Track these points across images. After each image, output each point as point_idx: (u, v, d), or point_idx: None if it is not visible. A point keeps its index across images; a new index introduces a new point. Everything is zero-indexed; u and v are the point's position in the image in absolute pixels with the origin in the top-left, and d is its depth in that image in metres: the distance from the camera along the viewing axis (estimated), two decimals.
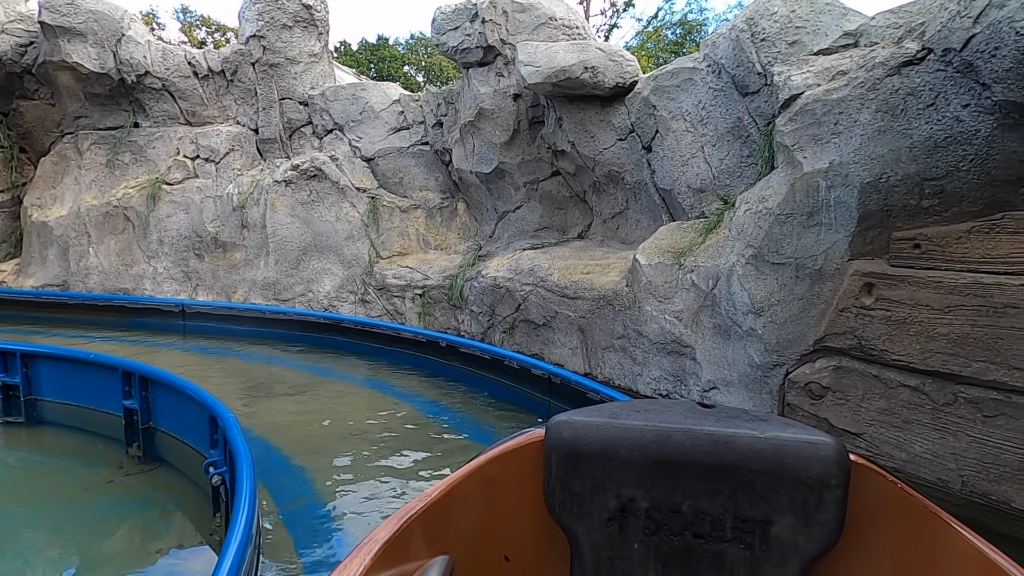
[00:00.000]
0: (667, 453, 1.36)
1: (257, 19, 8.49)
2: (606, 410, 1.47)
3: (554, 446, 1.40)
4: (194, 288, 8.11)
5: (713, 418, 1.43)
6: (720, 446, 1.34)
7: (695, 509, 1.36)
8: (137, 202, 8.30)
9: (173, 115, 8.73)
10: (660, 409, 1.47)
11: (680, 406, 1.50)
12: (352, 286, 7.66)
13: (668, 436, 1.36)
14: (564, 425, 1.41)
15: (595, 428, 1.39)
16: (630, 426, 1.39)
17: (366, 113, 8.26)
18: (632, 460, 1.37)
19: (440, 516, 1.39)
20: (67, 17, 8.16)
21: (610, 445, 1.37)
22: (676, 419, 1.42)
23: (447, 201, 8.05)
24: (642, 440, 1.37)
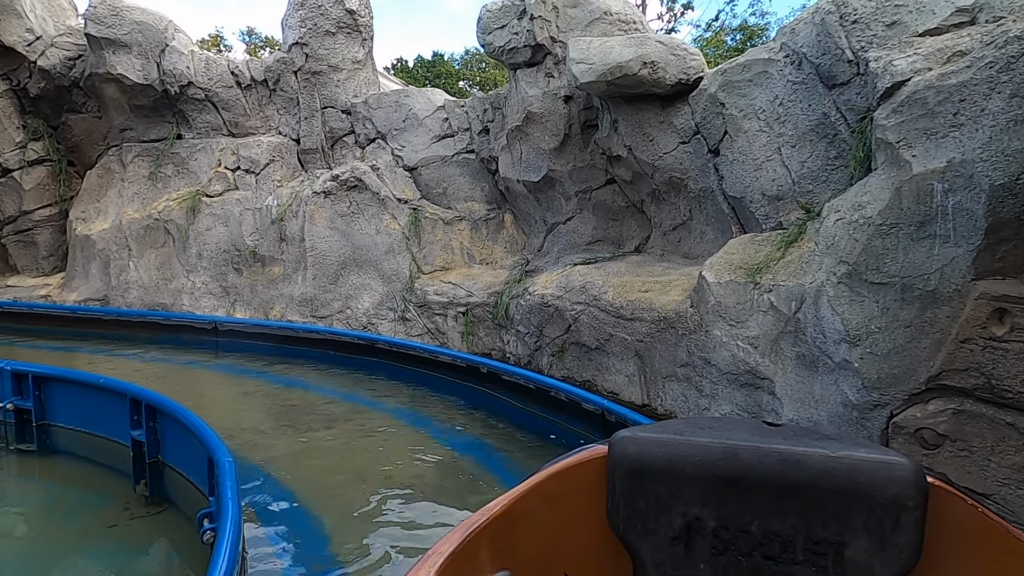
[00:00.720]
0: (735, 471, 1.31)
1: (300, 26, 8.22)
2: (670, 426, 1.43)
3: (618, 462, 1.37)
4: (232, 304, 7.83)
5: (781, 436, 1.37)
6: (790, 464, 1.29)
7: (764, 529, 1.31)
8: (177, 215, 8.10)
9: (216, 126, 8.54)
10: (726, 426, 1.42)
11: (746, 424, 1.45)
12: (392, 303, 7.22)
13: (736, 453, 1.32)
14: (629, 441, 1.38)
15: (660, 444, 1.36)
16: (696, 443, 1.35)
17: (409, 120, 7.86)
18: (699, 477, 1.33)
19: (502, 531, 1.36)
20: (112, 28, 8.07)
21: (676, 462, 1.34)
22: (743, 436, 1.37)
23: (493, 212, 7.55)
24: (709, 457, 1.34)
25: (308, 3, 8.21)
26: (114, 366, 6.42)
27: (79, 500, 4.04)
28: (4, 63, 8.57)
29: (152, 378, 5.97)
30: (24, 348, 7.18)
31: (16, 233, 9.01)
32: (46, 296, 8.52)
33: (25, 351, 7.05)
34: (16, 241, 9.04)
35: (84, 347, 7.05)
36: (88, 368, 6.42)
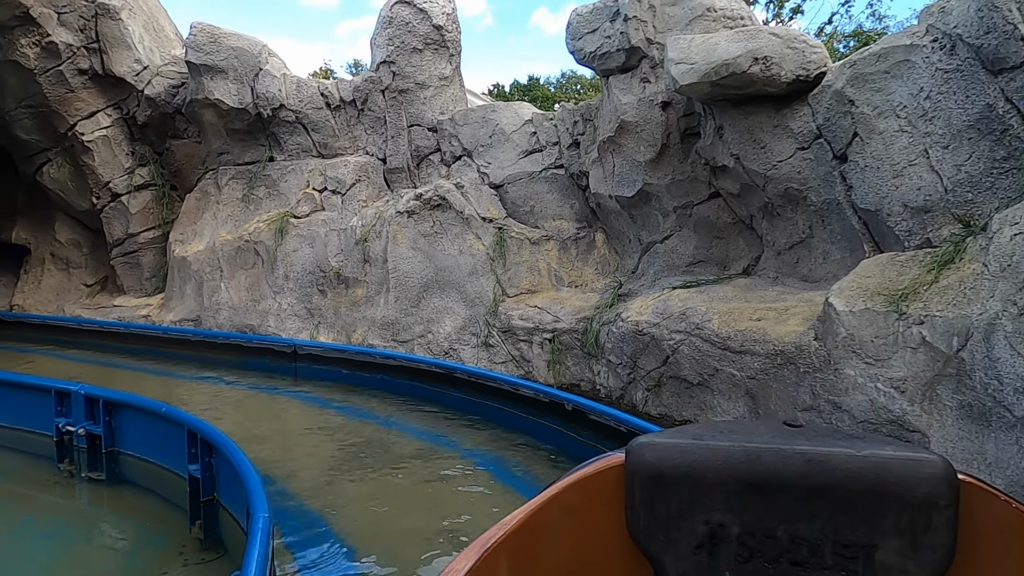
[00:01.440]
0: (758, 474, 1.25)
1: (387, 44, 8.09)
2: (689, 431, 1.38)
3: (636, 469, 1.32)
4: (316, 326, 7.70)
5: (803, 437, 1.31)
6: (815, 465, 1.23)
7: (791, 534, 1.26)
8: (266, 237, 8.11)
9: (306, 147, 8.54)
10: (746, 429, 1.38)
11: (766, 425, 1.39)
12: (474, 327, 6.81)
13: (758, 456, 1.26)
14: (646, 447, 1.33)
15: (679, 450, 1.31)
16: (716, 447, 1.29)
17: (496, 136, 7.49)
18: (720, 482, 1.27)
19: (520, 545, 1.33)
20: (210, 55, 8.26)
21: (696, 467, 1.28)
22: (764, 439, 1.30)
23: (583, 231, 7.01)
24: (730, 461, 1.27)
25: (396, 21, 8.08)
26: (198, 390, 6.38)
27: (139, 538, 3.82)
28: (115, 93, 8.97)
29: (230, 404, 5.84)
30: (123, 369, 7.31)
31: (123, 255, 9.37)
32: (146, 316, 8.76)
33: (124, 372, 7.19)
34: (123, 263, 9.40)
35: (175, 369, 7.10)
36: (174, 392, 6.43)
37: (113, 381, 6.85)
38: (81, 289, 9.80)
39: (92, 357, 7.75)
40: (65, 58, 8.52)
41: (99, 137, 9.00)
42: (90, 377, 6.91)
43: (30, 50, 8.32)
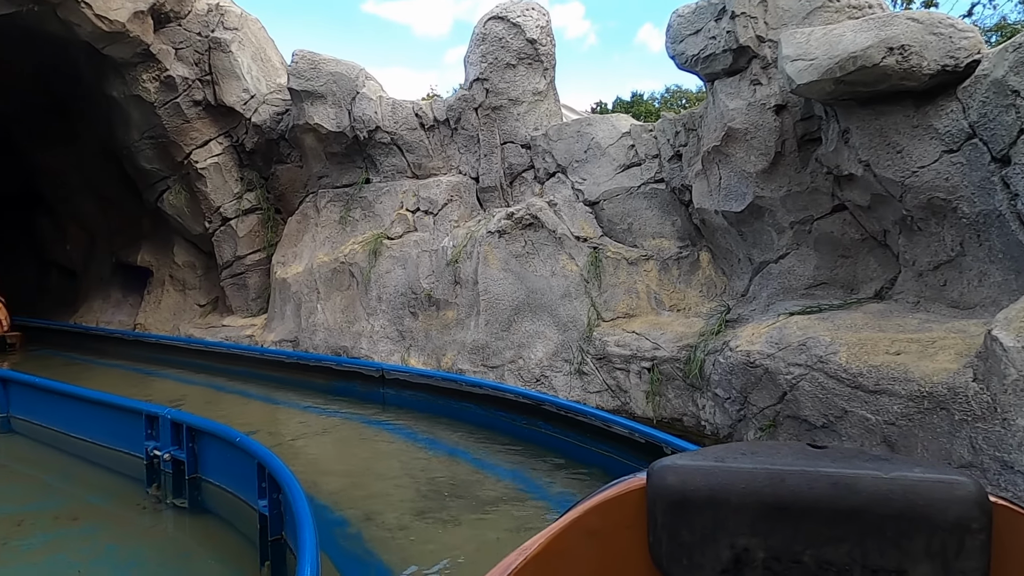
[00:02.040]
0: (783, 497, 1.23)
1: (480, 61, 7.93)
2: (710, 453, 1.36)
3: (658, 493, 1.31)
4: (407, 349, 7.56)
5: (828, 459, 1.28)
6: (841, 488, 1.20)
7: (818, 559, 1.22)
8: (361, 258, 8.11)
9: (400, 168, 8.52)
10: (768, 451, 1.35)
11: (790, 447, 1.37)
12: (567, 353, 6.40)
13: (782, 479, 1.24)
14: (667, 470, 1.31)
15: (702, 472, 1.29)
16: (740, 469, 1.27)
17: (591, 151, 7.10)
18: (745, 506, 1.24)
19: (541, 570, 1.32)
20: (310, 81, 8.43)
21: (719, 490, 1.25)
22: (788, 461, 1.28)
23: (686, 250, 6.45)
24: (754, 484, 1.24)
25: (489, 37, 7.90)
26: (289, 416, 6.36)
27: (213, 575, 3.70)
28: (226, 122, 9.38)
29: (317, 433, 5.74)
30: (225, 391, 7.46)
31: (231, 277, 9.73)
32: (250, 336, 9.00)
33: (226, 395, 7.32)
34: (231, 284, 9.75)
35: (271, 393, 7.16)
36: (268, 417, 6.45)
37: (215, 403, 7.01)
38: (195, 309, 10.28)
39: (197, 378, 8.00)
40: (181, 91, 9.00)
41: (211, 164, 9.43)
42: (195, 398, 7.12)
43: (151, 84, 8.85)
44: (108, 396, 5.10)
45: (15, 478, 5.16)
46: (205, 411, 6.58)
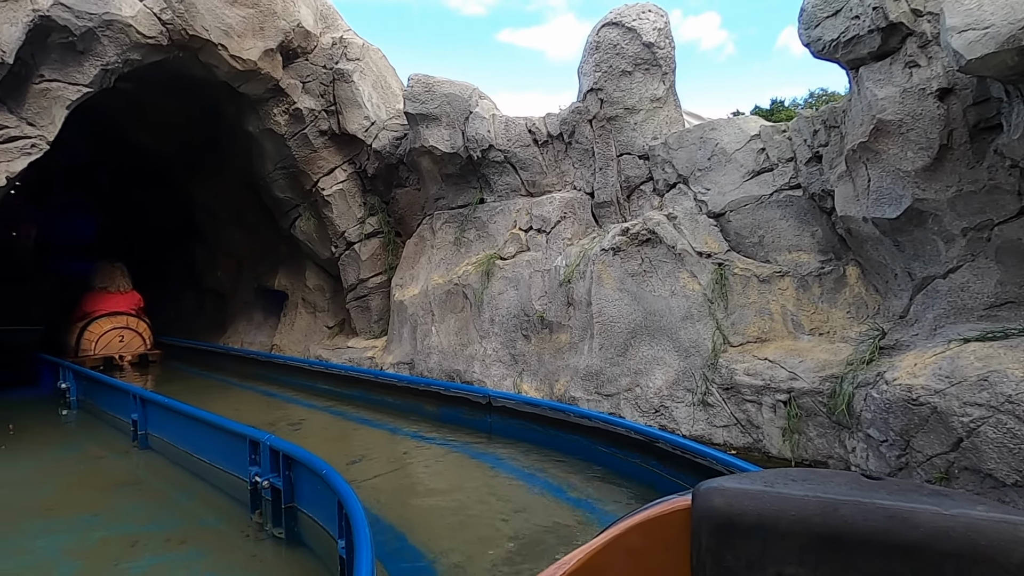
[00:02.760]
0: (835, 528, 1.18)
1: (594, 71, 7.54)
2: (759, 478, 1.32)
3: (703, 515, 1.28)
4: (519, 374, 7.24)
5: (884, 491, 1.23)
6: (897, 522, 1.14)
7: None
8: (474, 279, 7.94)
9: (514, 187, 8.29)
10: (820, 479, 1.30)
11: (843, 476, 1.31)
12: (689, 382, 5.76)
13: (835, 509, 1.19)
14: (714, 492, 1.29)
15: (750, 497, 1.25)
16: (790, 496, 1.24)
17: (716, 158, 6.45)
18: (794, 534, 1.21)
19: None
20: (424, 104, 8.46)
21: (768, 516, 1.22)
22: (842, 490, 1.23)
23: (829, 265, 5.61)
24: (805, 512, 1.21)
25: (603, 45, 7.50)
26: (397, 444, 6.22)
27: None
28: (349, 150, 9.67)
29: (419, 464, 5.52)
30: (338, 416, 7.52)
31: (355, 299, 9.97)
32: (371, 358, 9.12)
33: (339, 420, 7.38)
34: (355, 306, 9.99)
35: (383, 418, 7.11)
36: (377, 444, 6.34)
37: (329, 427, 7.07)
38: (324, 331, 10.65)
39: (317, 400, 8.17)
40: (308, 122, 9.40)
41: (336, 191, 9.75)
42: (313, 421, 7.23)
43: (281, 118, 9.32)
44: (220, 419, 5.20)
45: (145, 494, 5.38)
46: (319, 436, 6.65)
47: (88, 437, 7.15)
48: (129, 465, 6.03)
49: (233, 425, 4.95)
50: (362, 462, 5.47)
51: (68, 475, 5.75)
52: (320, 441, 6.30)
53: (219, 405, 8.24)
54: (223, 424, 5.03)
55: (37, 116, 7.33)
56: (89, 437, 7.14)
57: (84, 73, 7.47)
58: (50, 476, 5.75)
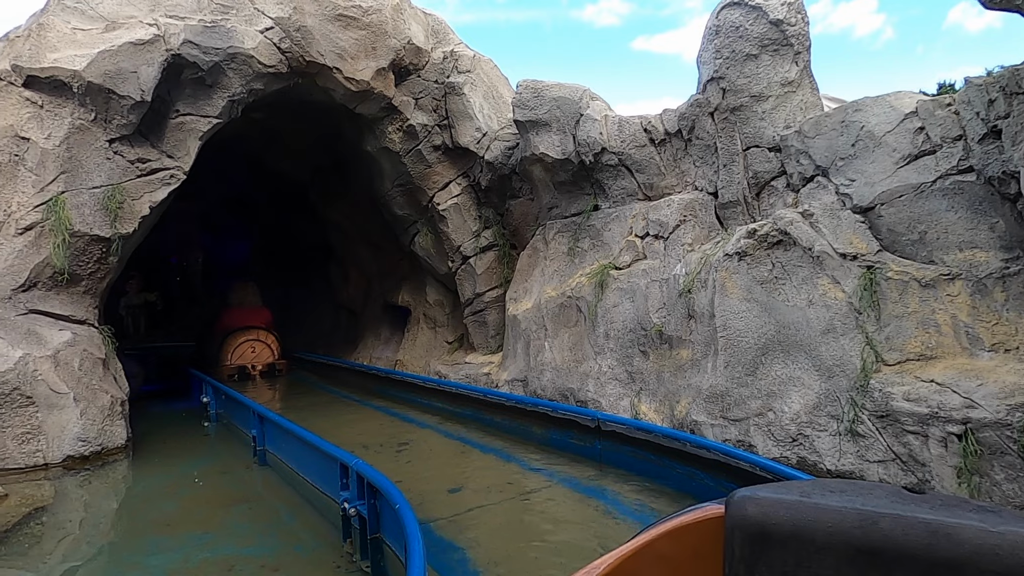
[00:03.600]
0: (874, 541, 1.16)
1: (715, 58, 6.82)
2: (795, 488, 1.29)
3: (736, 524, 1.26)
4: (637, 393, 6.63)
5: (927, 505, 1.19)
6: (941, 538, 1.11)
7: None
8: (587, 291, 7.45)
9: (631, 191, 7.72)
10: (860, 491, 1.27)
11: (883, 489, 1.28)
12: (833, 407, 4.89)
13: (874, 522, 1.16)
14: (748, 501, 1.27)
15: (785, 507, 1.23)
16: (827, 507, 1.21)
17: (862, 143, 5.52)
18: (831, 546, 1.18)
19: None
20: (534, 110, 8.14)
21: (804, 527, 1.20)
22: (882, 503, 1.21)
23: (1015, 264, 4.53)
24: (843, 524, 1.18)
25: (723, 28, 6.76)
26: (497, 469, 5.86)
27: None
28: (463, 163, 9.58)
29: (519, 495, 5.07)
30: (450, 437, 7.29)
31: (473, 314, 9.82)
32: (487, 374, 8.89)
33: (449, 441, 7.15)
34: (473, 321, 9.84)
35: (493, 441, 6.80)
36: (474, 471, 6.01)
37: (435, 449, 6.83)
38: (444, 346, 10.61)
39: (427, 419, 8.04)
40: (422, 137, 9.42)
41: (451, 205, 9.68)
42: (421, 442, 7.05)
43: (395, 135, 9.42)
44: (317, 439, 5.12)
45: (254, 514, 5.40)
46: (424, 458, 6.44)
47: (220, 451, 7.49)
48: (247, 482, 6.17)
49: (327, 446, 4.84)
50: (463, 491, 5.16)
51: (193, 490, 5.97)
52: (424, 464, 6.10)
53: (337, 422, 8.37)
54: (319, 445, 4.94)
55: (174, 148, 7.86)
56: (221, 451, 7.48)
57: (213, 105, 7.92)
58: (177, 490, 5.99)
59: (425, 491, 5.13)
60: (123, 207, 7.50)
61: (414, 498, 4.99)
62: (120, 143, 7.47)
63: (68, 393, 6.54)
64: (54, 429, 6.43)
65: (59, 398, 6.49)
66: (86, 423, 6.60)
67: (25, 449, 6.32)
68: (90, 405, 6.71)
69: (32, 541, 4.82)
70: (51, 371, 6.52)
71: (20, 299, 6.95)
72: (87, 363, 6.93)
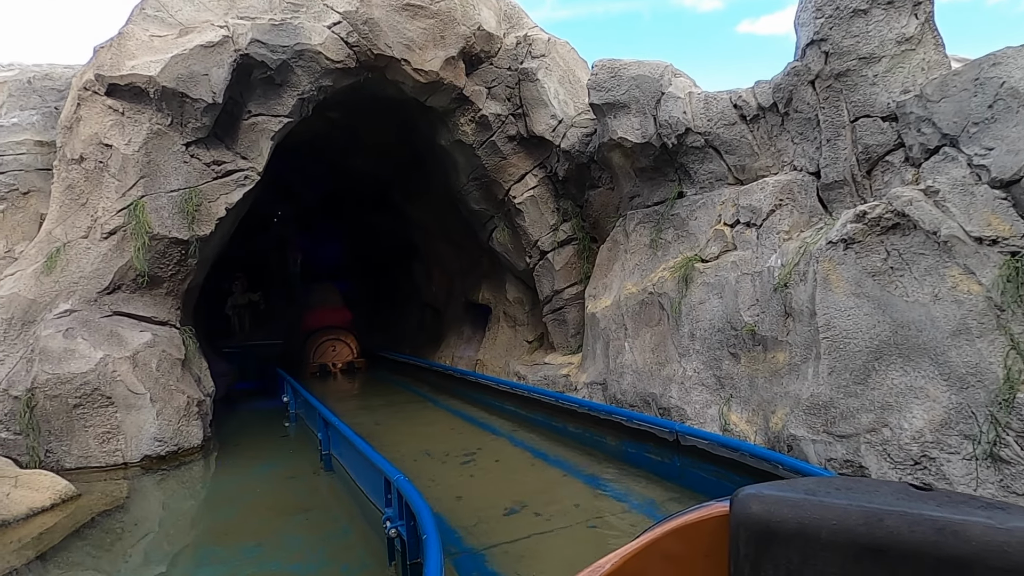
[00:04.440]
0: (879, 539, 1.15)
1: (815, 18, 5.95)
2: (800, 486, 1.28)
3: (742, 522, 1.26)
4: (726, 401, 5.90)
5: (934, 502, 1.19)
6: (947, 535, 1.10)
7: None
8: (670, 287, 6.76)
9: (719, 175, 6.95)
10: (866, 488, 1.27)
11: (889, 486, 1.28)
12: (967, 425, 4.01)
13: (879, 519, 1.16)
14: (753, 499, 1.26)
15: (790, 505, 1.23)
16: (832, 505, 1.21)
17: (1002, 103, 4.55)
18: (836, 544, 1.18)
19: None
20: (611, 92, 7.53)
21: (809, 525, 1.20)
22: (887, 500, 1.20)
23: None
24: (848, 522, 1.18)
25: None
26: (565, 487, 5.33)
27: None
28: (539, 153, 9.09)
29: (587, 524, 4.52)
30: (519, 446, 6.82)
31: (552, 312, 9.32)
32: (567, 376, 8.37)
33: (517, 451, 6.68)
34: (552, 320, 9.34)
35: (560, 453, 6.29)
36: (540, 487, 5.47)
37: (502, 461, 6.36)
38: (523, 345, 10.18)
39: (500, 424, 7.64)
40: (495, 128, 9.01)
41: (528, 198, 9.23)
42: (488, 451, 6.60)
43: (468, 127, 9.07)
44: (367, 448, 4.81)
45: (310, 525, 5.17)
46: (488, 471, 6.00)
47: (293, 454, 7.42)
48: (309, 489, 5.99)
49: (375, 456, 4.52)
50: (522, 512, 4.68)
51: (255, 496, 5.85)
52: (488, 478, 5.68)
53: (412, 423, 8.13)
54: (368, 454, 4.63)
55: (248, 149, 7.87)
56: (294, 454, 7.40)
57: (283, 104, 7.87)
58: (241, 496, 5.90)
59: (483, 510, 4.71)
60: (200, 209, 7.58)
61: (469, 519, 4.58)
62: (196, 146, 7.56)
63: (145, 394, 6.64)
64: (132, 429, 6.55)
65: (136, 398, 6.60)
66: (162, 423, 6.68)
67: (106, 448, 6.46)
68: (166, 405, 6.79)
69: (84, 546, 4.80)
70: (129, 372, 6.64)
71: (105, 301, 7.15)
72: (165, 364, 7.03)
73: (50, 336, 6.62)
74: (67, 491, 5.43)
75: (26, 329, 6.83)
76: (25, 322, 6.87)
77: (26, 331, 6.82)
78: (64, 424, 6.37)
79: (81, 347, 6.58)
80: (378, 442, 7.11)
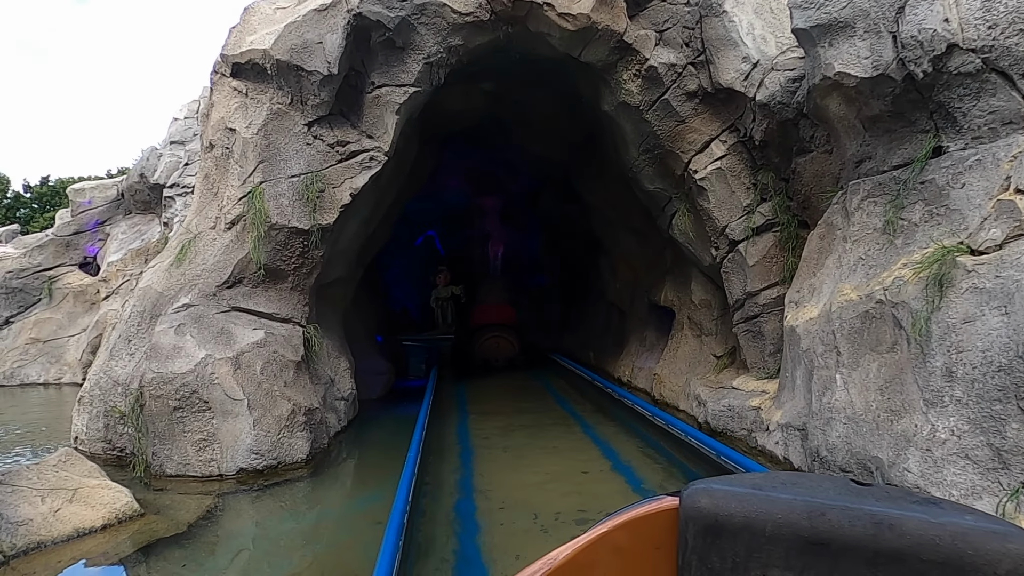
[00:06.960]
0: (821, 532, 1.20)
1: None
2: (747, 480, 1.33)
3: (690, 516, 1.29)
4: (1013, 492, 3.43)
5: (872, 497, 1.24)
6: (884, 529, 1.15)
7: None
8: (913, 293, 4.33)
9: (1007, 116, 4.34)
10: (809, 483, 1.31)
11: (831, 481, 1.31)
12: None
13: (822, 513, 1.20)
14: (702, 493, 1.29)
15: (737, 499, 1.25)
16: (777, 499, 1.24)
17: None
18: (780, 537, 1.22)
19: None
20: (824, 7, 5.20)
21: (755, 519, 1.23)
22: (829, 495, 1.24)
23: None
24: (792, 516, 1.22)
25: None
26: None
27: None
28: (728, 112, 6.93)
29: None
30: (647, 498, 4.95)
31: (744, 320, 7.11)
32: (756, 409, 6.20)
33: None
34: (745, 330, 7.12)
35: None
36: None
37: None
38: (709, 361, 8.04)
39: (645, 471, 5.71)
40: (668, 83, 7.04)
41: (712, 172, 7.11)
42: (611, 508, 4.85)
43: (632, 84, 7.22)
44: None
45: None
46: None
47: None
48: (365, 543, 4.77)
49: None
50: None
51: (336, 540, 4.77)
52: None
53: (543, 453, 6.61)
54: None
55: (372, 126, 6.95)
56: None
57: (408, 71, 6.81)
58: (327, 535, 4.90)
59: None
60: (322, 196, 6.83)
61: None
62: (319, 125, 6.82)
63: (243, 400, 6.00)
64: (228, 438, 5.94)
65: (233, 404, 5.99)
66: (259, 434, 5.98)
67: (202, 457, 5.93)
68: (265, 414, 6.09)
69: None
70: (229, 375, 6.05)
71: (224, 296, 6.71)
72: (273, 366, 6.36)
73: (163, 332, 6.29)
74: (127, 510, 4.86)
75: (152, 323, 6.62)
76: (153, 316, 6.67)
77: (152, 325, 6.61)
78: (166, 427, 5.96)
79: (188, 345, 6.15)
80: (487, 480, 5.72)
